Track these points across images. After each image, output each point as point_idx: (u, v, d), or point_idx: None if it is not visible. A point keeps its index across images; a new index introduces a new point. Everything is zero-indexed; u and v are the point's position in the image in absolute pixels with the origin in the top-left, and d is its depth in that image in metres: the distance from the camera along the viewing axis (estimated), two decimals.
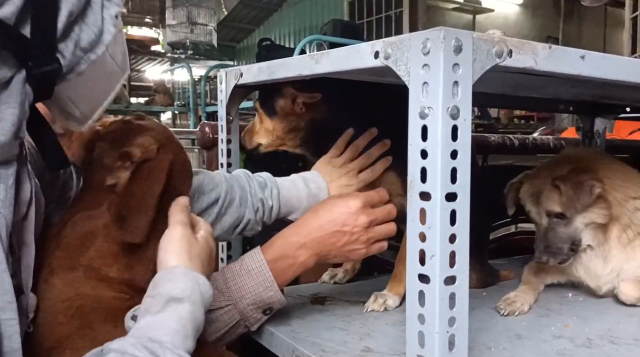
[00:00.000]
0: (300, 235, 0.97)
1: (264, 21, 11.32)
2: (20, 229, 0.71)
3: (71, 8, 0.62)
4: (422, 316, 0.65)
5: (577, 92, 1.29)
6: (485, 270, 1.31)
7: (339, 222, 0.96)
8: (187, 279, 0.74)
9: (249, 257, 0.96)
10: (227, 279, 0.95)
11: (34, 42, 0.60)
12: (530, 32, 9.96)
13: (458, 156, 0.64)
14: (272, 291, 0.95)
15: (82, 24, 0.65)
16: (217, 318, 0.94)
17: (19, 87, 0.62)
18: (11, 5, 0.57)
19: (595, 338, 0.98)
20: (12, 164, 0.65)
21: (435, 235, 0.64)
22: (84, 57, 0.66)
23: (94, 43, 0.66)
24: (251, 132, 1.16)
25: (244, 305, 0.95)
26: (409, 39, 0.66)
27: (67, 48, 0.64)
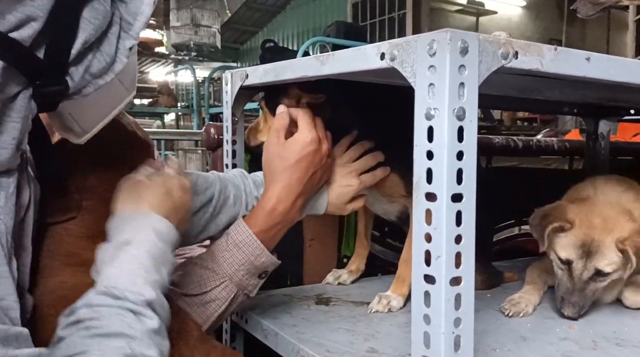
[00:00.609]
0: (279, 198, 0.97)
1: (268, 23, 11.35)
2: (18, 233, 0.71)
3: (88, 37, 0.63)
4: (428, 316, 0.65)
5: (582, 94, 1.29)
6: (489, 272, 1.31)
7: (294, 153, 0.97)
8: (132, 222, 0.75)
9: (234, 231, 0.97)
10: (217, 257, 0.97)
11: (46, 64, 0.61)
12: (534, 35, 9.96)
13: (464, 157, 0.64)
14: (263, 257, 0.97)
15: (96, 52, 0.66)
16: (216, 296, 0.96)
17: (25, 103, 0.63)
18: (29, 29, 0.58)
19: (601, 340, 0.98)
20: (14, 173, 0.67)
21: (441, 236, 0.64)
22: (92, 81, 0.68)
23: (104, 70, 0.67)
24: (255, 130, 1.17)
25: (239, 277, 0.96)
26: (415, 40, 0.66)
27: (77, 72, 0.65)
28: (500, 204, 1.30)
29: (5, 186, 0.65)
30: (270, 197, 0.97)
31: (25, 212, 0.72)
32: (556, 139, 2.08)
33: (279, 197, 0.97)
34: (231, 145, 1.18)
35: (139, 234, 0.74)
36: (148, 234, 0.74)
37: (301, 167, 0.98)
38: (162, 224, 0.77)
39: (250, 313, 1.10)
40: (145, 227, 0.75)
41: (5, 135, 0.62)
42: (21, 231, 0.72)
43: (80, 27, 0.62)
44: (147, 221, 0.76)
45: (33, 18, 0.58)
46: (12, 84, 0.61)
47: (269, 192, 0.98)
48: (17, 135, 0.63)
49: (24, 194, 0.71)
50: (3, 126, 0.62)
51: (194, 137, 5.01)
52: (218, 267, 0.96)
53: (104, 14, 0.64)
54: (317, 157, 0.99)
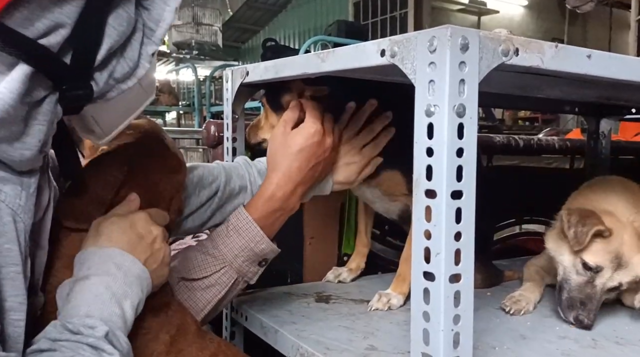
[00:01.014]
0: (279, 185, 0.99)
1: (269, 22, 11.35)
2: (37, 232, 0.73)
3: (112, 43, 0.65)
4: (427, 313, 0.65)
5: (583, 93, 1.28)
6: (489, 270, 1.31)
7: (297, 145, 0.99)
8: (93, 257, 0.74)
9: (234, 217, 0.99)
10: (217, 243, 0.98)
11: (72, 69, 0.63)
12: (535, 34, 9.95)
13: (464, 154, 0.64)
14: (263, 243, 0.98)
15: (119, 58, 0.67)
16: (216, 281, 0.98)
17: (51, 107, 0.64)
18: (57, 36, 0.60)
19: (601, 339, 0.98)
20: (35, 173, 0.68)
21: (441, 233, 0.63)
22: (116, 86, 0.69)
23: (127, 75, 0.69)
24: (256, 127, 1.17)
25: (239, 263, 0.98)
26: (415, 37, 0.66)
27: (102, 77, 0.66)
28: (501, 203, 1.30)
29: (26, 185, 0.66)
30: (270, 184, 0.99)
31: (44, 213, 0.73)
32: (557, 138, 2.08)
33: (278, 183, 0.99)
34: (231, 143, 1.18)
35: (98, 268, 0.73)
36: (108, 268, 0.73)
37: (302, 156, 0.99)
38: (123, 258, 0.75)
39: (249, 310, 1.10)
40: (105, 261, 0.74)
41: (31, 137, 0.63)
42: (39, 230, 0.73)
43: (105, 34, 0.63)
44: (107, 255, 0.75)
45: (61, 25, 0.59)
46: (40, 89, 0.62)
47: (269, 179, 1.00)
48: (42, 138, 0.65)
49: (44, 195, 0.73)
50: (29, 128, 0.63)
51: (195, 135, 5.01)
52: (218, 252, 0.98)
53: (128, 21, 0.65)
54: (319, 149, 1.00)
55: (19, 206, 0.65)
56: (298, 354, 0.93)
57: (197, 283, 0.97)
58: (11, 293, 0.63)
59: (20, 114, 0.61)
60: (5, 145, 0.62)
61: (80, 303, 0.69)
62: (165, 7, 0.69)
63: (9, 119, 0.60)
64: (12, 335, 0.64)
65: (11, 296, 0.63)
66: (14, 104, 0.58)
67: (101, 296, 0.70)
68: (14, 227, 0.64)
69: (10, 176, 0.64)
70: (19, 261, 0.64)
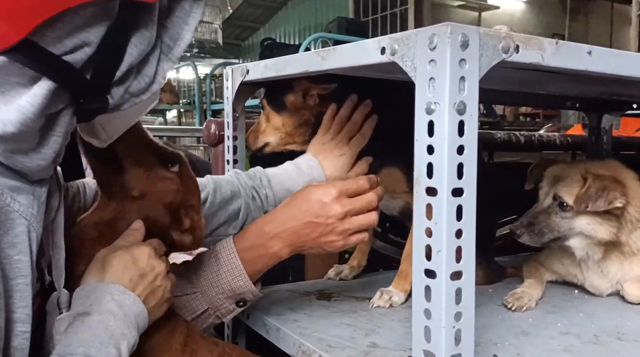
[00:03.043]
0: (274, 224, 0.94)
1: (269, 19, 11.34)
2: (51, 232, 0.74)
3: (133, 61, 0.66)
4: (429, 311, 0.65)
5: (584, 89, 1.28)
6: (491, 267, 1.31)
7: (312, 212, 0.92)
8: (93, 293, 0.73)
9: (220, 245, 0.96)
10: (196, 267, 0.96)
11: (91, 85, 0.64)
12: (536, 30, 9.93)
13: (464, 152, 0.64)
14: (241, 280, 0.93)
15: (137, 74, 0.68)
16: (184, 305, 0.94)
17: (67, 119, 0.65)
18: (82, 54, 0.61)
19: (602, 335, 0.98)
20: (46, 183, 0.69)
21: (442, 230, 0.64)
22: (130, 99, 0.69)
23: (142, 90, 0.70)
24: (257, 132, 1.16)
25: (212, 294, 0.94)
26: (415, 34, 0.66)
27: (118, 92, 0.67)
28: (502, 199, 1.30)
29: (38, 195, 0.67)
30: (269, 222, 0.95)
31: (56, 213, 0.75)
32: (558, 134, 2.07)
33: (277, 229, 0.94)
34: (232, 141, 1.18)
35: (99, 305, 0.72)
36: (109, 306, 0.72)
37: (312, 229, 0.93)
38: (125, 296, 0.74)
39: (252, 309, 1.10)
40: (107, 298, 0.73)
41: (47, 148, 0.65)
42: (54, 230, 0.74)
43: (127, 52, 0.64)
44: (108, 292, 0.73)
45: (87, 44, 0.61)
46: (59, 102, 0.63)
47: (274, 216, 0.96)
48: (57, 148, 0.66)
49: (54, 197, 0.74)
50: (46, 140, 0.64)
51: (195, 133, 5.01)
52: (194, 276, 0.95)
53: (149, 39, 0.66)
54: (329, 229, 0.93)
55: (32, 215, 0.65)
56: (300, 352, 0.93)
57: None
58: (19, 305, 0.64)
59: (38, 125, 0.62)
60: (21, 156, 0.63)
61: (78, 341, 0.68)
62: (184, 26, 0.69)
63: (28, 132, 0.61)
64: (19, 347, 0.65)
65: (19, 308, 0.64)
66: (34, 117, 0.59)
67: (100, 336, 0.69)
68: (27, 237, 0.65)
69: (24, 186, 0.65)
70: (28, 272, 0.65)
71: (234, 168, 1.19)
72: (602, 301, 1.17)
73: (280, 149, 1.15)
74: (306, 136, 1.14)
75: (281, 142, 1.14)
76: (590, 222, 1.08)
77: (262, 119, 1.16)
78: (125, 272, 0.76)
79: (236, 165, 1.19)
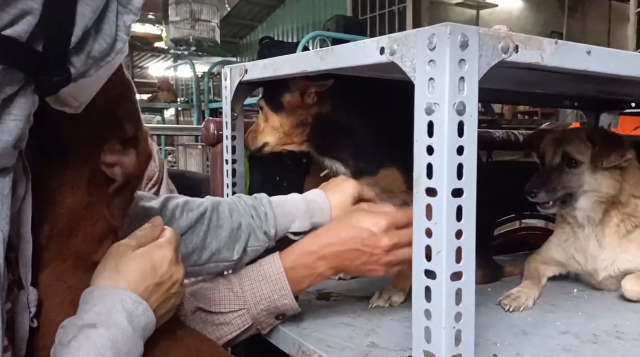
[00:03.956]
0: (320, 245, 0.96)
1: (267, 17, 11.32)
2: (17, 224, 0.67)
3: (87, 22, 0.59)
4: (429, 311, 0.65)
5: (582, 88, 1.28)
6: (490, 266, 1.31)
7: (360, 240, 0.94)
8: (104, 299, 0.68)
9: (268, 263, 0.97)
10: (244, 283, 0.96)
11: (46, 57, 0.58)
12: (534, 28, 9.92)
13: (464, 152, 0.64)
14: (287, 299, 0.96)
15: (96, 35, 0.61)
16: (230, 321, 0.96)
17: (27, 99, 0.59)
18: (24, 24, 0.54)
19: (601, 334, 0.98)
20: (9, 171, 0.63)
21: (442, 231, 0.64)
22: (94, 64, 0.63)
23: (105, 52, 0.63)
24: (255, 132, 1.15)
25: (257, 310, 0.96)
26: (414, 34, 0.66)
27: (79, 59, 0.61)
28: (500, 198, 1.30)
29: (1, 188, 0.61)
30: (317, 242, 0.96)
31: (21, 203, 0.68)
32: None
33: (324, 251, 0.95)
34: (231, 141, 1.18)
35: (108, 316, 0.66)
36: (118, 318, 0.67)
37: (357, 256, 0.95)
38: (136, 305, 0.69)
39: None
40: (117, 309, 0.67)
41: (6, 135, 0.58)
42: (19, 221, 0.68)
43: (77, 13, 0.57)
44: (120, 301, 0.68)
45: (28, 12, 0.54)
46: (12, 84, 0.57)
47: (321, 238, 0.97)
48: (18, 133, 0.59)
49: (19, 186, 0.67)
50: (3, 125, 0.58)
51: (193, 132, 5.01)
52: (242, 292, 0.96)
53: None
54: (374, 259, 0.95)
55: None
56: (300, 352, 0.93)
57: (212, 317, 0.95)
58: None
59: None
60: None
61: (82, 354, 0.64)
62: None
63: None
64: None
65: None
66: None
67: (104, 353, 0.64)
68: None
69: None
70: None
71: (233, 167, 1.18)
72: (601, 300, 1.17)
73: (279, 148, 1.15)
74: (304, 136, 1.13)
75: (279, 142, 1.14)
76: (598, 177, 1.17)
77: (260, 119, 1.16)
78: (142, 281, 0.72)
79: (235, 164, 1.19)
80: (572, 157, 1.18)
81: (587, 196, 1.19)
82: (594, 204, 1.19)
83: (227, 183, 1.19)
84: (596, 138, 1.18)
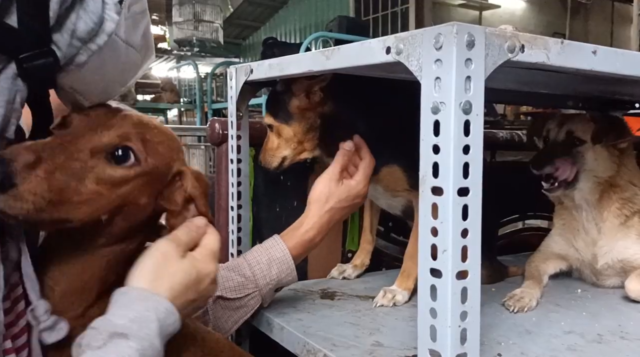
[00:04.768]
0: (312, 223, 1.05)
1: (270, 18, 11.32)
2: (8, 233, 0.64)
3: None
4: (434, 310, 0.65)
5: (587, 88, 1.28)
6: (494, 266, 1.31)
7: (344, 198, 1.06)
8: (140, 303, 0.64)
9: (273, 247, 1.03)
10: (254, 268, 1.02)
11: (23, 33, 0.53)
12: (537, 28, 9.91)
13: (470, 151, 0.64)
14: (291, 276, 1.04)
15: (79, 11, 0.57)
16: (246, 304, 1.02)
17: (8, 84, 0.55)
18: None
19: (606, 334, 0.98)
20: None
21: (448, 230, 0.64)
22: (83, 47, 0.59)
23: (93, 32, 0.58)
24: (271, 150, 1.13)
25: (266, 290, 1.03)
26: (421, 34, 0.66)
27: (62, 38, 0.57)
28: (504, 198, 1.30)
29: None
30: (312, 228, 1.05)
31: None
32: None
33: (319, 230, 1.05)
34: (236, 141, 1.18)
35: (140, 326, 0.62)
36: (150, 328, 0.63)
37: (344, 212, 1.07)
38: (169, 316, 0.65)
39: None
40: (151, 318, 0.63)
41: None
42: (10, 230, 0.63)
43: None
44: (155, 309, 0.64)
45: None
46: None
47: (312, 223, 1.05)
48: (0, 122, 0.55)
49: None
50: None
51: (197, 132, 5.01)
52: (253, 276, 1.02)
53: None
54: (356, 208, 1.11)
55: None
56: (305, 351, 0.93)
57: (231, 303, 1.01)
58: None
59: None
60: None
61: None
62: None
63: None
64: None
65: None
66: None
67: None
68: None
69: None
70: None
71: (238, 167, 1.19)
72: (605, 300, 1.17)
73: (296, 160, 1.15)
74: (315, 140, 1.13)
75: (295, 152, 1.13)
76: (598, 157, 1.21)
77: (271, 137, 1.14)
78: (182, 294, 0.68)
79: (240, 164, 1.19)
80: (576, 136, 1.22)
81: (587, 176, 1.21)
82: (593, 185, 1.22)
83: (232, 182, 1.20)
84: (598, 118, 1.23)
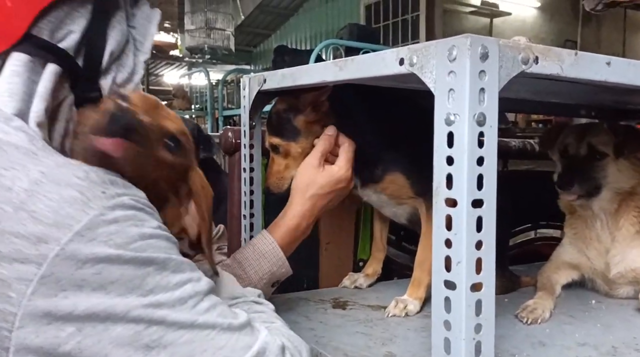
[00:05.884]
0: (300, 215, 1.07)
1: (281, 26, 11.38)
2: None
3: (113, 48, 0.77)
4: (448, 322, 0.65)
5: (599, 98, 1.28)
6: (506, 276, 1.31)
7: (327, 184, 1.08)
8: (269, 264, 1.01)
9: (260, 242, 1.04)
10: (244, 266, 1.03)
11: (84, 72, 0.74)
12: (548, 36, 9.86)
13: (484, 163, 0.64)
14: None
15: (119, 65, 0.78)
16: None
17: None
18: (70, 40, 0.72)
19: (620, 346, 0.97)
20: None
21: (462, 242, 0.64)
22: None
23: (126, 81, 0.79)
24: (279, 173, 1.12)
25: (261, 285, 1.02)
26: (434, 46, 0.66)
27: (107, 82, 0.77)
28: (516, 208, 1.29)
29: None
30: (295, 216, 1.06)
31: None
32: None
33: (304, 216, 1.06)
34: (249, 150, 1.19)
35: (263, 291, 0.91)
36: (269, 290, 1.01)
37: (328, 198, 1.08)
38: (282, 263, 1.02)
39: None
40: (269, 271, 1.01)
41: (56, 133, 0.71)
42: None
43: (107, 41, 0.75)
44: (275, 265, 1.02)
45: (73, 31, 0.72)
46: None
47: (295, 211, 1.07)
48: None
49: None
50: (51, 129, 0.71)
51: None
52: (245, 275, 1.01)
53: (122, 32, 0.78)
54: (343, 192, 1.10)
55: None
56: None
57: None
58: None
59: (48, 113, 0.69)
60: None
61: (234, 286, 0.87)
62: (149, 25, 0.82)
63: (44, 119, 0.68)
64: None
65: None
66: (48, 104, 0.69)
67: None
68: None
69: None
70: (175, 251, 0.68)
71: (251, 175, 1.19)
72: (619, 312, 1.16)
73: None
74: None
75: None
76: (620, 168, 1.20)
77: (276, 159, 1.13)
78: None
79: (252, 173, 1.20)
80: (597, 149, 1.20)
81: (609, 188, 1.20)
82: (613, 195, 1.21)
83: (245, 191, 1.20)
84: (618, 129, 1.21)
